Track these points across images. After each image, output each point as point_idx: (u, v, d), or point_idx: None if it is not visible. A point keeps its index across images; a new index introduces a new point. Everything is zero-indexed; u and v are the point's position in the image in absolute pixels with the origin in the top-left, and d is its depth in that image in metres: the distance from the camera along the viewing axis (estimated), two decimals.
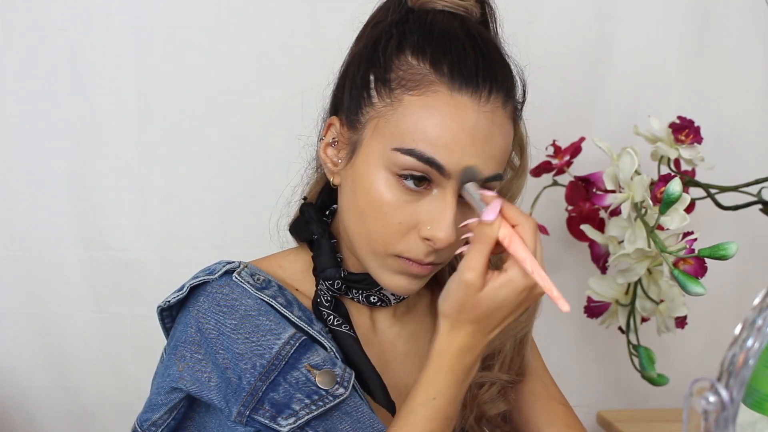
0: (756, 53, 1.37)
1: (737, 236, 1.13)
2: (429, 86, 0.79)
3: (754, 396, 0.70)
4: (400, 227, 0.80)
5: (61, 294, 1.32)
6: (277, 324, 0.81)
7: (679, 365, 1.28)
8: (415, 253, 0.80)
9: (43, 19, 1.27)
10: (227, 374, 0.80)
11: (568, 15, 1.34)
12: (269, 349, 0.80)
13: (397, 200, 0.79)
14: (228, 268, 0.85)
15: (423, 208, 0.79)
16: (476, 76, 0.79)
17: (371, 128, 0.81)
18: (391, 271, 0.82)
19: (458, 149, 0.78)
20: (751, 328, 0.62)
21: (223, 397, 0.80)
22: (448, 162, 0.78)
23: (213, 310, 0.82)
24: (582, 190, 1.22)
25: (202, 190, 1.32)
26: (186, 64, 1.30)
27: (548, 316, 1.37)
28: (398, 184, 0.79)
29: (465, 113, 0.78)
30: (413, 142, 0.78)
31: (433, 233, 0.79)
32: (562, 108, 1.35)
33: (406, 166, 0.78)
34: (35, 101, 1.29)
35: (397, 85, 0.80)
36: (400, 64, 0.81)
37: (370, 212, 0.80)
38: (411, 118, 0.79)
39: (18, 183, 1.31)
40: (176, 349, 0.83)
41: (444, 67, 0.79)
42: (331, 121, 0.86)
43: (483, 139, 0.79)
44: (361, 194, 0.81)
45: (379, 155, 0.80)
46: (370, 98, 0.81)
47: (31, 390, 1.34)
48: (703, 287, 1.01)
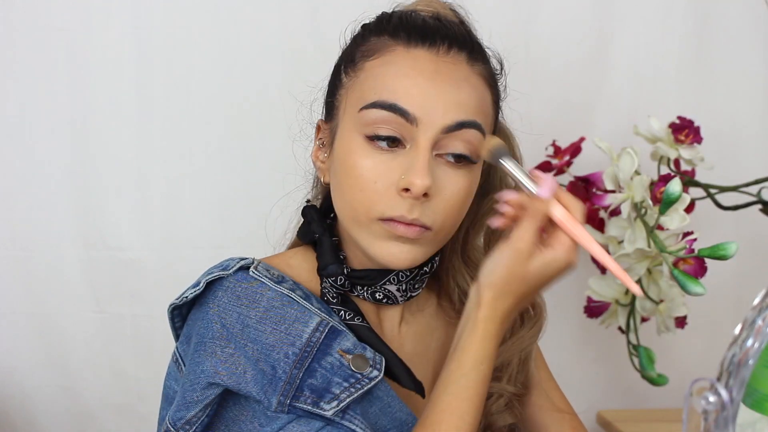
0: (756, 53, 1.37)
1: (737, 236, 1.13)
2: (386, 48, 0.83)
3: (754, 396, 0.70)
4: (376, 187, 0.80)
5: (61, 294, 1.32)
6: (302, 313, 0.81)
7: (679, 365, 1.28)
8: (398, 209, 0.80)
9: (43, 19, 1.27)
10: (260, 366, 0.79)
11: (568, 15, 1.34)
12: (299, 337, 0.80)
13: (372, 161, 0.80)
14: (243, 264, 0.84)
15: (397, 162, 0.80)
16: (432, 33, 0.83)
17: (343, 107, 0.84)
18: (379, 239, 0.82)
19: (418, 92, 0.80)
20: (751, 328, 0.62)
21: (260, 388, 0.79)
22: (412, 106, 0.79)
23: (234, 303, 0.82)
24: (582, 190, 1.22)
25: (202, 190, 1.32)
26: (186, 64, 1.30)
27: (548, 316, 1.38)
28: (371, 146, 0.81)
29: (422, 62, 0.81)
30: (375, 95, 0.80)
31: (408, 180, 0.79)
32: (562, 108, 1.35)
33: (374, 119, 0.80)
34: (35, 101, 1.29)
35: (359, 58, 0.84)
36: (364, 43, 0.85)
37: (349, 181, 0.81)
38: (371, 78, 0.82)
39: (18, 183, 1.31)
40: (204, 345, 0.81)
41: (401, 32, 0.83)
42: (318, 125, 0.89)
43: (445, 84, 0.81)
44: (341, 168, 0.83)
45: (351, 124, 0.82)
46: (339, 81, 0.85)
47: (31, 390, 1.34)
48: (703, 287, 1.01)
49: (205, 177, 1.32)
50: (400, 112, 0.79)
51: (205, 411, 0.81)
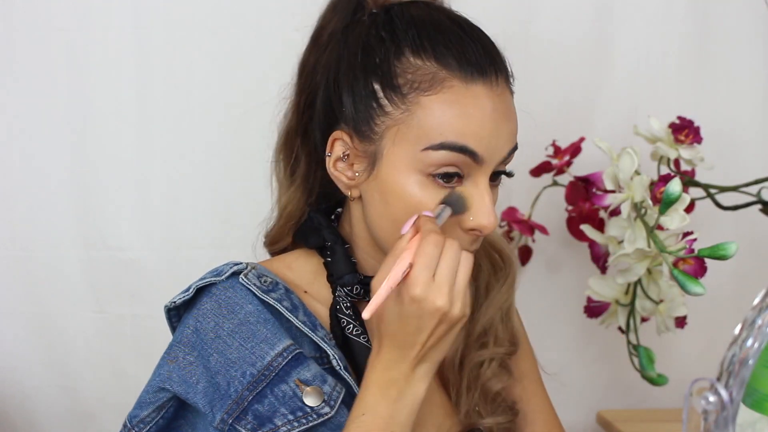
0: (756, 53, 1.37)
1: (737, 236, 1.13)
2: (442, 83, 0.79)
3: (754, 396, 0.70)
4: (443, 226, 0.79)
5: (61, 294, 1.32)
6: (273, 334, 0.81)
7: (679, 365, 1.28)
8: (463, 246, 0.79)
9: (43, 19, 1.27)
10: (217, 378, 0.80)
11: (568, 15, 1.34)
12: (261, 359, 0.80)
13: (433, 199, 0.79)
14: (235, 270, 0.84)
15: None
16: (483, 62, 0.81)
17: (391, 137, 0.80)
18: None
19: (485, 135, 0.79)
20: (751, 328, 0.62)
21: (208, 401, 0.79)
22: (479, 147, 0.79)
23: (214, 311, 0.82)
24: (582, 190, 1.22)
25: (202, 190, 1.32)
26: (186, 64, 1.30)
27: (548, 316, 1.39)
28: (431, 184, 0.79)
29: (483, 101, 0.79)
30: (441, 136, 0.78)
31: (478, 222, 0.80)
32: (562, 108, 1.35)
33: (439, 161, 0.79)
34: (35, 101, 1.29)
35: (409, 90, 0.80)
36: (405, 67, 0.80)
37: (407, 217, 0.79)
38: (433, 116, 0.79)
39: (18, 183, 1.31)
40: (171, 348, 0.83)
41: (450, 60, 0.79)
42: (337, 136, 0.84)
43: (503, 122, 0.81)
44: (395, 202, 0.80)
45: (407, 161, 0.79)
46: (382, 107, 0.81)
47: (31, 390, 1.34)
48: (702, 287, 1.01)
49: (205, 177, 1.32)
50: (469, 154, 0.78)
51: (159, 413, 0.82)
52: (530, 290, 1.38)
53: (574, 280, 1.35)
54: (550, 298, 1.40)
